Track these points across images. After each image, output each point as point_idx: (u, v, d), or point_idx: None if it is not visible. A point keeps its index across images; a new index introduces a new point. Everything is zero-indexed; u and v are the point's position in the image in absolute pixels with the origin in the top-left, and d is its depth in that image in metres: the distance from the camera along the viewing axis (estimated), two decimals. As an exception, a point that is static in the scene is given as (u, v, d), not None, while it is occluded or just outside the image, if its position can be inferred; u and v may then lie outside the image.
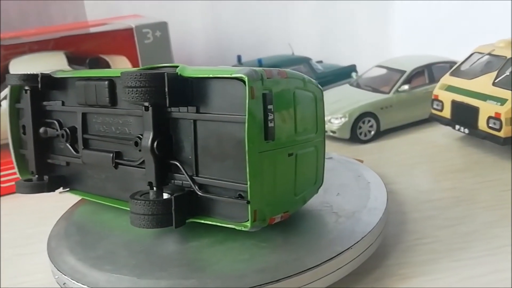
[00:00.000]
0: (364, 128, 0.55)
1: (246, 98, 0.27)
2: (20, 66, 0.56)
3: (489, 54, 0.49)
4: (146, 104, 0.31)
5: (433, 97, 0.52)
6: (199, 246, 0.31)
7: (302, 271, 0.28)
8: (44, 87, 0.38)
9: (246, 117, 0.27)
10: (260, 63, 0.65)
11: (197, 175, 0.31)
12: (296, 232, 0.31)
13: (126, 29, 0.55)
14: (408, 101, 0.57)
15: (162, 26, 0.55)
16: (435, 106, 0.51)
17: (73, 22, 0.73)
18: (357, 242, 0.30)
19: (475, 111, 0.46)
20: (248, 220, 0.29)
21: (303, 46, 0.76)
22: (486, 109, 0.45)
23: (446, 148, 0.52)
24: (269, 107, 0.28)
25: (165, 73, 0.29)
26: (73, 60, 0.57)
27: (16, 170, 0.43)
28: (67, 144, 0.38)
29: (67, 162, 0.39)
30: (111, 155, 0.35)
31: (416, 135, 0.57)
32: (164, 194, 0.32)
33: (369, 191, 0.36)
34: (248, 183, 0.28)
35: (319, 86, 0.33)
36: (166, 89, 0.29)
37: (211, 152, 0.30)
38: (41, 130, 0.40)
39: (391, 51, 0.73)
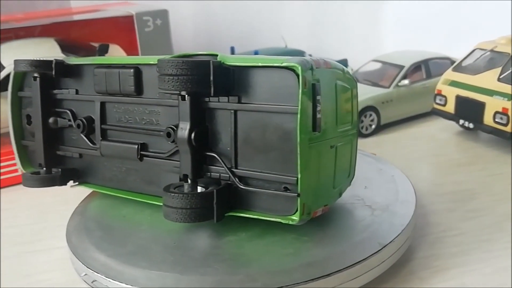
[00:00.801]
0: (366, 122, 0.55)
1: (300, 88, 0.27)
2: (8, 52, 0.53)
3: (492, 50, 0.50)
4: (184, 93, 0.29)
5: (436, 92, 0.52)
6: (238, 240, 0.30)
7: (351, 265, 0.28)
8: (57, 74, 0.36)
9: (299, 107, 0.26)
10: (256, 54, 0.64)
11: (236, 167, 0.30)
12: (334, 226, 0.31)
13: (125, 16, 0.52)
14: (407, 96, 0.57)
15: (163, 14, 0.53)
16: (438, 101, 0.52)
17: (61, 7, 0.69)
18: (398, 235, 0.30)
19: (481, 106, 0.47)
20: (294, 213, 0.28)
21: (293, 38, 0.75)
22: (492, 104, 0.46)
23: (446, 142, 0.53)
24: (318, 97, 0.28)
25: (211, 61, 0.28)
26: (66, 48, 0.54)
27: (17, 162, 0.41)
28: (82, 135, 0.36)
29: (80, 154, 0.37)
30: (136, 146, 0.33)
31: (414, 130, 0.57)
32: (197, 187, 0.31)
33: (394, 184, 0.37)
34: (299, 175, 0.27)
35: (354, 77, 0.33)
36: (212, 78, 0.28)
37: (253, 144, 0.29)
38: (51, 120, 0.37)
39: (381, 46, 0.74)
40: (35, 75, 0.37)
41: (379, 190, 0.35)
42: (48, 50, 0.53)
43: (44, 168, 0.38)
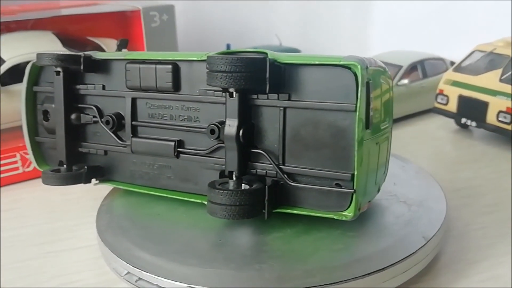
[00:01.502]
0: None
1: (359, 86, 0.27)
2: (5, 45, 0.50)
3: (491, 52, 0.52)
4: (232, 90, 0.29)
5: (438, 92, 0.54)
6: (284, 236, 0.30)
7: (402, 259, 0.28)
8: (84, 69, 0.35)
9: (358, 105, 0.27)
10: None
11: (283, 164, 0.30)
12: (375, 221, 0.32)
13: (131, 11, 0.51)
14: (406, 95, 0.59)
15: (169, 10, 0.52)
16: (439, 100, 0.54)
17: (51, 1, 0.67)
18: (439, 229, 0.31)
19: (484, 105, 0.49)
20: (346, 209, 0.29)
21: (284, 36, 0.76)
22: (496, 104, 0.48)
23: (446, 140, 0.55)
24: (371, 95, 0.28)
25: (267, 59, 0.28)
26: (66, 42, 0.53)
27: (32, 159, 0.40)
28: (109, 132, 0.35)
29: (105, 151, 0.36)
30: (173, 143, 0.33)
31: (412, 128, 0.59)
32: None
33: (420, 180, 0.38)
34: (356, 172, 0.27)
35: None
36: (267, 75, 0.28)
37: (303, 141, 0.29)
38: (73, 116, 0.36)
39: (370, 46, 0.76)
40: (58, 69, 0.35)
41: (408, 186, 0.36)
42: (48, 44, 0.52)
43: (65, 166, 0.37)
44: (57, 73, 0.36)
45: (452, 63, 0.61)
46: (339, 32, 0.78)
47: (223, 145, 0.31)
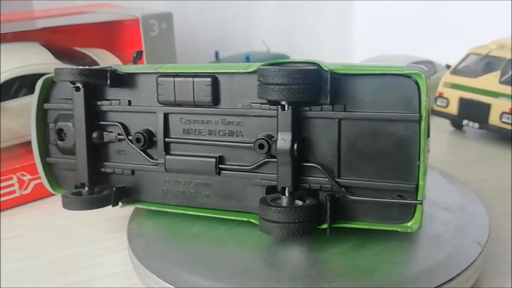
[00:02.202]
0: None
1: (423, 96, 0.27)
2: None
3: (487, 55, 0.53)
4: (284, 102, 0.28)
5: (437, 95, 0.55)
6: (342, 252, 0.29)
7: (466, 267, 0.28)
8: (111, 84, 0.33)
9: (423, 115, 0.27)
10: (248, 59, 0.63)
11: (339, 177, 0.29)
12: (425, 230, 0.31)
13: (130, 19, 0.49)
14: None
15: (167, 18, 0.50)
16: (439, 103, 0.55)
17: (25, 9, 0.63)
18: (489, 233, 0.31)
19: (486, 107, 0.50)
20: (409, 221, 0.28)
21: (267, 42, 0.75)
22: (498, 105, 0.49)
23: (445, 142, 0.56)
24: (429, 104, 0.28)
25: (329, 71, 0.27)
26: (57, 54, 0.49)
27: (45, 182, 0.37)
28: (138, 150, 0.33)
29: (132, 170, 0.34)
30: (214, 160, 0.31)
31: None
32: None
33: (448, 184, 0.38)
34: (421, 182, 0.27)
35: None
36: (329, 87, 0.27)
37: (360, 153, 0.29)
38: (95, 134, 0.34)
39: (351, 51, 0.76)
40: (78, 85, 0.33)
41: (442, 192, 0.36)
42: (38, 56, 0.48)
43: (87, 188, 0.34)
44: (77, 88, 0.33)
45: (448, 66, 0.62)
46: (322, 37, 0.79)
47: (271, 160, 0.30)
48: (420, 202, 0.27)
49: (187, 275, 0.28)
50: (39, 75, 0.36)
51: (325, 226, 0.29)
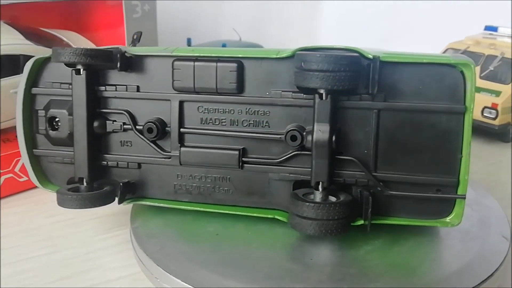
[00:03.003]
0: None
1: (469, 86, 0.26)
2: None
3: (466, 50, 0.54)
4: (322, 91, 0.26)
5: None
6: (376, 249, 0.28)
7: (502, 262, 0.28)
8: (121, 67, 0.29)
9: (469, 107, 0.26)
10: (224, 47, 0.60)
11: (375, 171, 0.28)
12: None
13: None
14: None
15: None
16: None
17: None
18: (511, 227, 0.31)
19: (468, 101, 0.51)
20: (448, 216, 0.27)
21: (233, 23, 0.73)
22: (480, 100, 0.51)
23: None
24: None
25: (377, 57, 0.25)
26: (27, 35, 0.44)
27: (32, 177, 0.33)
28: (148, 141, 0.30)
29: (139, 163, 0.31)
30: (237, 152, 0.29)
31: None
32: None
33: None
34: (466, 176, 0.26)
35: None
36: (371, 76, 0.26)
37: (399, 145, 0.27)
38: (96, 123, 0.30)
39: (321, 43, 0.75)
40: (79, 67, 0.29)
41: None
42: (6, 36, 0.43)
43: (86, 184, 0.31)
44: (78, 71, 0.30)
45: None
46: (289, 28, 0.77)
47: (302, 152, 0.28)
48: (463, 196, 0.26)
49: (218, 278, 0.26)
50: (8, 56, 0.32)
51: (359, 222, 0.28)
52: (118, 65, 0.29)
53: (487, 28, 0.60)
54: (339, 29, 0.77)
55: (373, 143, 0.27)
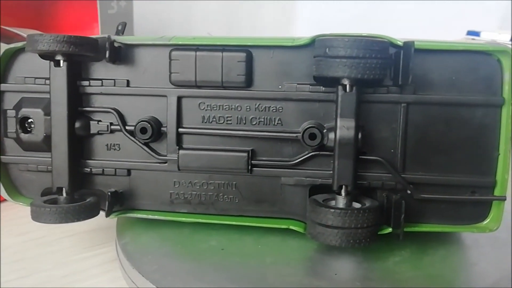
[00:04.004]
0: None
1: (508, 77, 0.23)
2: None
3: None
4: (347, 82, 0.23)
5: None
6: (405, 260, 0.25)
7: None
8: (110, 58, 0.25)
9: (507, 99, 0.23)
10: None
11: (403, 173, 0.25)
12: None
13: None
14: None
15: (127, -6, 0.42)
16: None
17: None
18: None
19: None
20: (484, 220, 0.25)
21: (204, 28, 0.69)
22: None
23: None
24: None
25: (412, 43, 0.23)
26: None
27: (1, 189, 0.28)
28: (140, 143, 0.26)
29: (128, 170, 0.27)
30: (245, 155, 0.25)
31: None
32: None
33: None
34: (506, 175, 0.24)
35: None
36: (411, 63, 0.23)
37: (430, 143, 0.25)
38: (78, 124, 0.26)
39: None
40: (59, 58, 0.25)
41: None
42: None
43: (65, 195, 0.26)
44: (57, 63, 0.25)
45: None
46: (263, 32, 0.75)
47: (321, 153, 0.25)
48: (504, 198, 0.24)
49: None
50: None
51: (386, 231, 0.25)
52: (107, 55, 0.25)
53: (469, 33, 0.59)
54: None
55: (401, 141, 0.25)
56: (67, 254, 0.30)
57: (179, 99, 0.26)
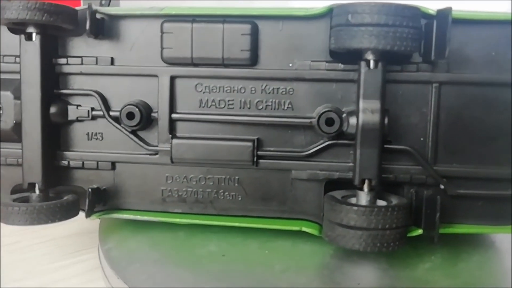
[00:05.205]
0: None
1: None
2: None
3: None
4: (372, 57, 0.20)
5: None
6: (437, 267, 0.22)
7: None
8: (91, 31, 0.22)
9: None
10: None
11: (435, 164, 0.21)
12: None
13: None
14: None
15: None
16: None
17: None
18: None
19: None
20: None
21: None
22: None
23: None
24: None
25: (449, 10, 0.19)
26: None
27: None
28: (126, 132, 0.22)
29: (112, 163, 0.23)
30: (250, 144, 0.22)
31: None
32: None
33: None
34: (557, 167, 0.20)
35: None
36: (434, 37, 0.19)
37: (466, 130, 0.21)
38: (53, 109, 0.23)
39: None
40: (30, 30, 0.21)
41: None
42: None
43: (38, 192, 0.23)
44: (28, 36, 0.22)
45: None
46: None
47: (339, 142, 0.21)
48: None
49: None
50: None
51: (416, 232, 0.21)
52: (87, 28, 0.21)
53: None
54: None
55: (432, 128, 0.21)
56: (43, 261, 0.27)
57: (172, 79, 0.22)
